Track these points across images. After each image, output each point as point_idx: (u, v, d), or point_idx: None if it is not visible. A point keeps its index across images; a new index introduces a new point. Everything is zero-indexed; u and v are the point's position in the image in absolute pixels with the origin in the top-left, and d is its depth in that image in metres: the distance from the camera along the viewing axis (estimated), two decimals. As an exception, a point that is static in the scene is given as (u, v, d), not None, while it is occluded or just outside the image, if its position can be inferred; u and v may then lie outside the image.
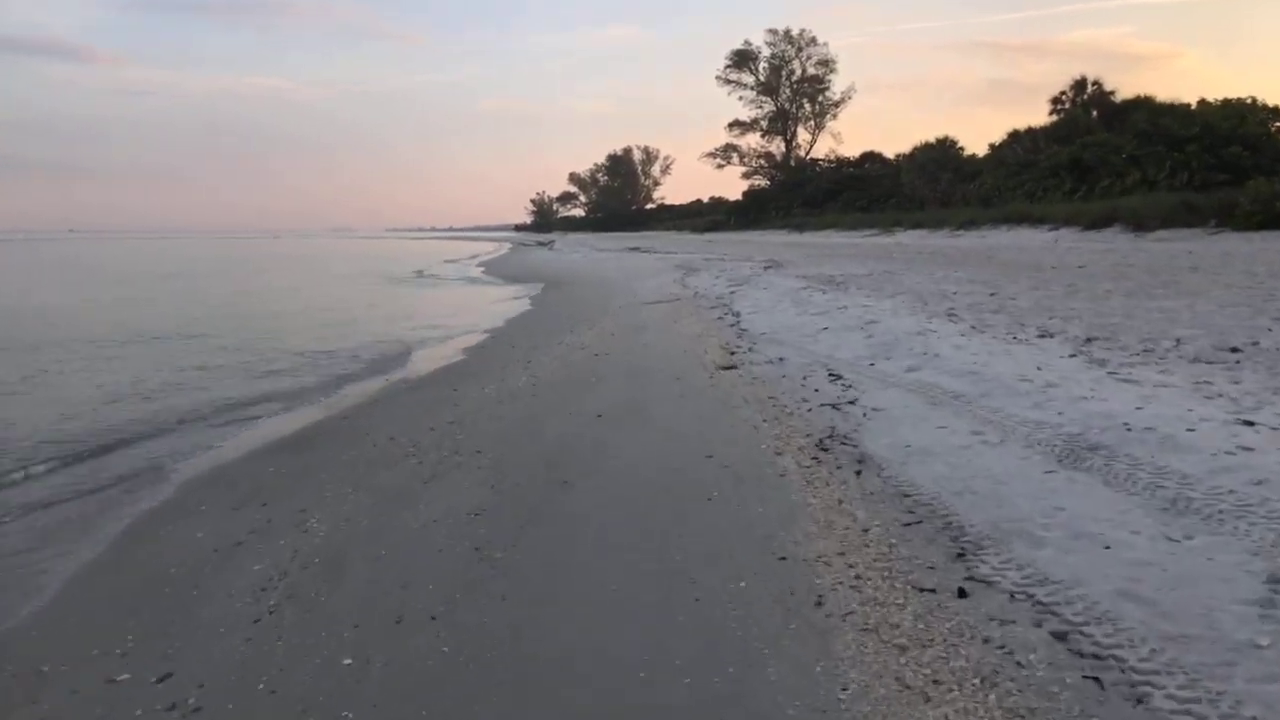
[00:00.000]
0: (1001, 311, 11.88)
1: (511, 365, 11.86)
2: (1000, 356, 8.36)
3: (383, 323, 18.36)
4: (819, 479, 5.53)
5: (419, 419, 8.75)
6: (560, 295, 24.58)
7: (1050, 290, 14.21)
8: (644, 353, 11.87)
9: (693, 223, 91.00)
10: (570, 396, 9.12)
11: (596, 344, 13.13)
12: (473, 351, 13.85)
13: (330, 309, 22.11)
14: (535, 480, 6.12)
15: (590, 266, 37.32)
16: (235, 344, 15.20)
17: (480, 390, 10.06)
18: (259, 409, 10.01)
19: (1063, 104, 60.77)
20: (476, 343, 14.88)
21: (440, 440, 7.64)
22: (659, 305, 18.48)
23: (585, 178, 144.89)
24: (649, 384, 9.50)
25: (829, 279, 19.07)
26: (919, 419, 6.59)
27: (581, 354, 12.19)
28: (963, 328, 10.56)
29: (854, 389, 7.95)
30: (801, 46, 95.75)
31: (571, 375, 10.52)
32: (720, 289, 20.11)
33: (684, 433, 7.07)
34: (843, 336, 10.92)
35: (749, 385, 8.83)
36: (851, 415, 6.99)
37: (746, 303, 16.59)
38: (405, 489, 6.23)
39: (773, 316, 14.02)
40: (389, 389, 10.96)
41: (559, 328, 15.94)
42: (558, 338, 14.43)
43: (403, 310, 21.26)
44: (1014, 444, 5.68)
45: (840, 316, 12.63)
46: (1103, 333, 9.54)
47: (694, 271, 26.61)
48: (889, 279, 18.24)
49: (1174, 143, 45.67)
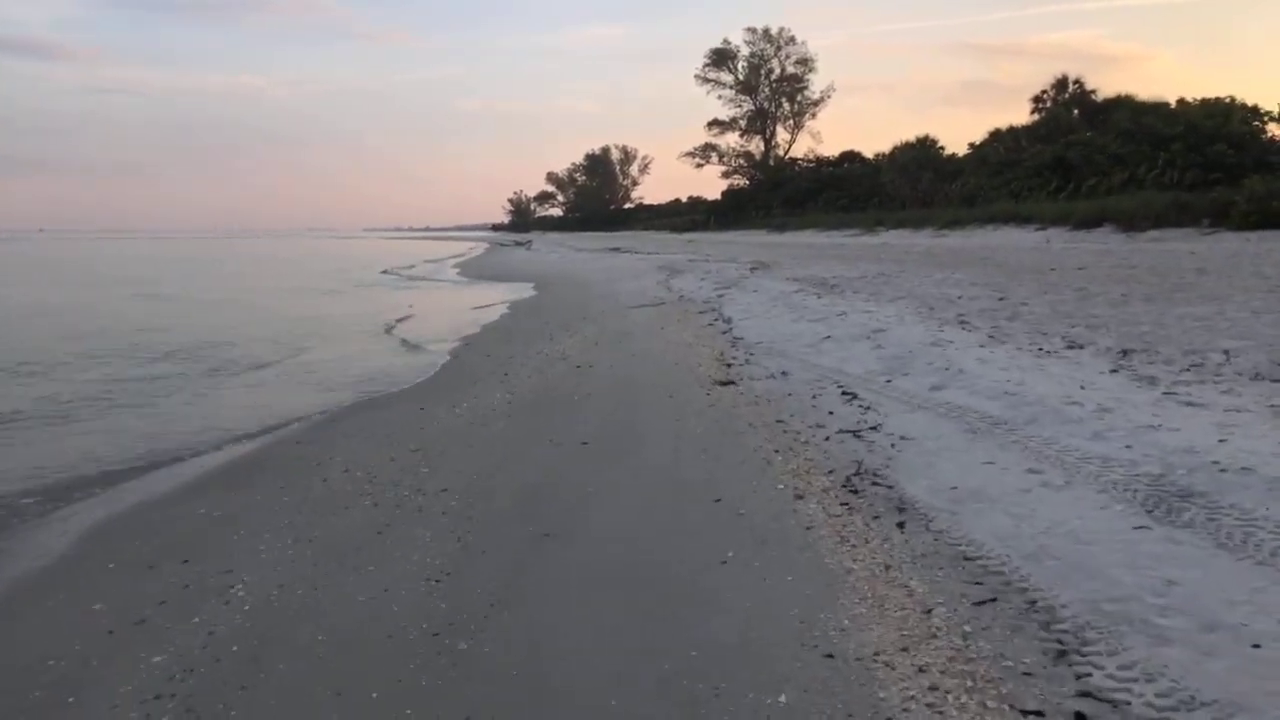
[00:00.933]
0: (1017, 319, 11.00)
1: (486, 379, 10.84)
2: (1034, 373, 7.45)
3: (347, 329, 17.24)
4: (854, 533, 4.57)
5: (380, 445, 7.73)
6: (539, 299, 23.54)
7: (1061, 295, 13.37)
8: (631, 364, 10.89)
9: (672, 222, 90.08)
10: (551, 418, 8.12)
11: (579, 353, 12.14)
12: (445, 362, 12.80)
13: (293, 313, 20.94)
14: (509, 532, 5.12)
15: (569, 268, 36.28)
16: (181, 348, 14.04)
17: (450, 410, 9.04)
18: (200, 427, 8.94)
19: (1044, 103, 60.42)
20: (449, 352, 13.83)
21: (401, 474, 6.62)
22: (643, 309, 17.50)
23: (563, 177, 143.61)
24: (639, 402, 8.52)
25: (822, 281, 18.17)
26: (959, 452, 5.65)
27: (563, 365, 11.19)
28: (979, 337, 9.67)
29: (873, 411, 7.01)
30: (780, 45, 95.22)
31: (552, 391, 9.52)
32: (707, 292, 19.17)
33: (684, 467, 6.09)
34: (849, 347, 9.98)
35: (752, 405, 7.86)
36: (878, 446, 6.04)
37: (737, 307, 15.65)
38: (355, 541, 5.21)
39: (768, 323, 13.08)
40: (350, 407, 9.91)
41: (538, 334, 14.93)
42: (536, 346, 13.42)
43: (370, 315, 20.14)
44: (1083, 487, 4.74)
45: (842, 324, 11.70)
46: (1137, 343, 8.66)
47: (678, 273, 25.66)
48: (885, 282, 17.37)
49: (1158, 141, 45.32)
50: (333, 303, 24.28)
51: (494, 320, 18.30)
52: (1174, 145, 43.81)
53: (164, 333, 16.75)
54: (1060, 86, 60.15)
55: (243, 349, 14.48)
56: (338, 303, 24.27)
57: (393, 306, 21.98)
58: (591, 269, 33.33)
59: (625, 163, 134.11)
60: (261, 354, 13.85)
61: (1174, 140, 44.53)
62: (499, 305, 21.62)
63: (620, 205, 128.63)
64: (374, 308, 21.59)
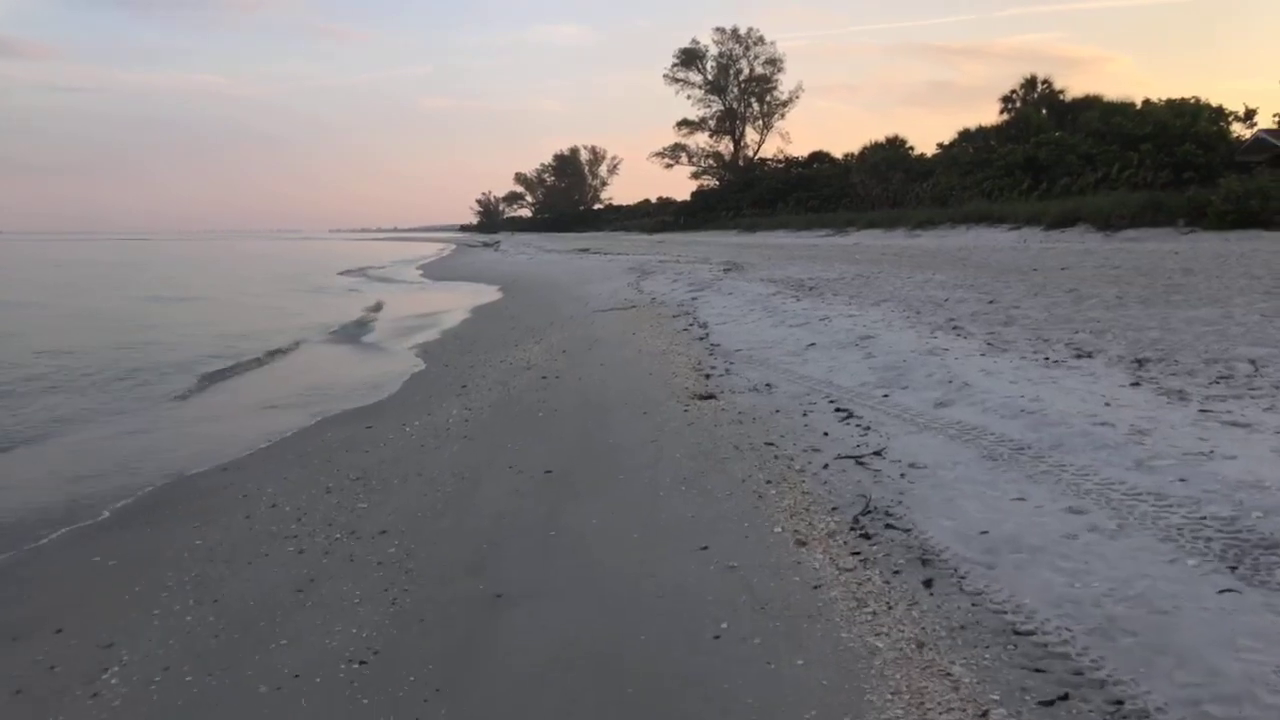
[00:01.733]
0: (1013, 324, 10.31)
1: (443, 392, 9.95)
2: (1047, 386, 6.71)
3: (294, 338, 16.22)
4: (873, 594, 3.77)
5: (317, 472, 6.83)
6: (504, 302, 22.62)
7: (1053, 296, 12.72)
8: (601, 375, 10.04)
9: (641, 223, 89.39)
10: (512, 439, 7.25)
11: (544, 362, 11.28)
12: (400, 374, 11.86)
13: (239, 320, 19.84)
14: (455, 591, 4.26)
15: (537, 269, 35.33)
16: (116, 357, 12.94)
17: (401, 429, 8.15)
18: (117, 456, 7.95)
19: (1014, 102, 60.43)
20: (405, 362, 12.89)
21: (336, 510, 5.73)
22: (614, 313, 16.66)
23: (532, 178, 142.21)
24: (610, 421, 7.67)
25: (799, 283, 17.44)
26: (982, 484, 4.87)
27: (527, 376, 10.32)
28: (977, 345, 8.94)
29: (874, 432, 6.22)
30: (749, 45, 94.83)
31: (514, 406, 8.65)
32: (680, 294, 18.36)
33: (664, 504, 5.26)
34: (837, 356, 9.21)
35: (736, 424, 7.05)
36: (886, 476, 5.25)
37: (712, 310, 14.85)
38: (269, 603, 4.32)
39: (746, 328, 12.29)
40: (287, 422, 8.97)
41: (502, 341, 14.04)
42: (500, 354, 12.54)
43: (321, 322, 19.11)
44: (1141, 533, 3.98)
45: (826, 329, 10.94)
46: (1150, 351, 7.98)
47: (649, 274, 24.82)
48: (865, 284, 16.67)
49: (1128, 141, 45.36)
50: (283, 309, 23.16)
51: (456, 326, 17.37)
52: (1144, 145, 43.87)
53: (99, 342, 15.62)
54: (1029, 86, 60.18)
55: (176, 361, 13.41)
56: (288, 309, 23.15)
57: (347, 312, 20.93)
58: (560, 271, 32.43)
59: (594, 163, 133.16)
60: (197, 366, 12.81)
61: (1144, 140, 44.60)
62: (462, 309, 20.67)
63: (589, 206, 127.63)
64: (326, 314, 20.54)
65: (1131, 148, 44.08)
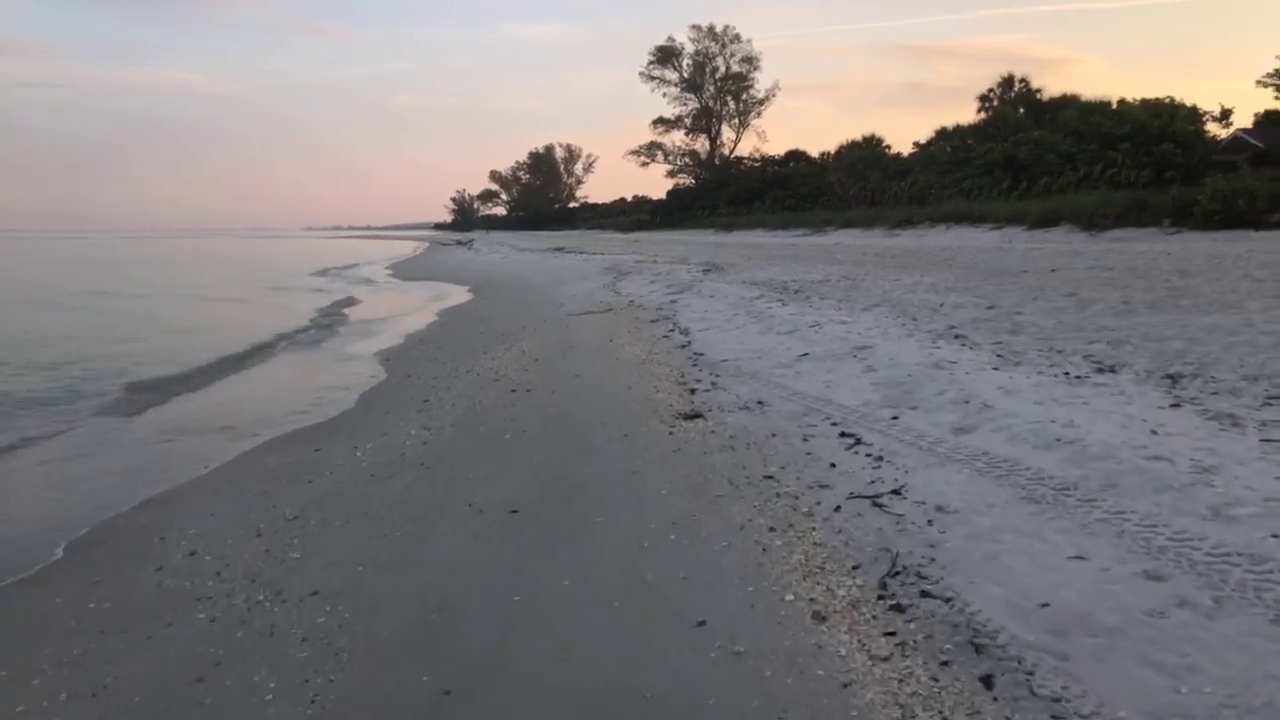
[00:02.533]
0: (1020, 332, 9.59)
1: (402, 407, 9.07)
2: (1077, 408, 5.96)
3: (248, 342, 15.23)
4: (920, 698, 2.97)
5: (251, 508, 5.95)
6: (475, 304, 21.70)
7: (1053, 301, 12.04)
8: (576, 388, 9.21)
9: (617, 222, 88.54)
10: (474, 467, 6.41)
11: (515, 373, 10.43)
12: (358, 384, 10.95)
13: (192, 323, 18.80)
14: (392, 683, 3.42)
15: (511, 269, 34.39)
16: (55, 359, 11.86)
17: (351, 453, 7.27)
18: (30, 491, 7.01)
19: (991, 101, 60.24)
20: (365, 371, 11.98)
21: (264, 561, 4.87)
22: (590, 317, 15.83)
23: (507, 176, 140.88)
24: (586, 445, 6.84)
25: (783, 286, 16.69)
26: (1027, 536, 4.10)
27: (495, 389, 9.47)
28: (987, 357, 8.20)
29: (889, 464, 5.44)
30: (725, 43, 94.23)
31: (479, 426, 7.79)
32: (659, 297, 17.55)
33: (650, 557, 4.43)
34: (834, 369, 8.44)
35: (728, 450, 6.25)
36: (911, 523, 4.46)
37: (693, 315, 14.05)
38: (159, 698, 3.46)
39: (731, 335, 11.50)
40: (230, 447, 8.05)
41: (470, 347, 13.16)
42: (467, 362, 11.66)
43: (280, 326, 18.11)
44: (1247, 612, 3.22)
45: (818, 337, 10.17)
46: (1180, 365, 7.27)
47: (625, 275, 23.99)
48: (852, 286, 15.95)
49: (1107, 141, 45.18)
50: (240, 311, 22.11)
51: (422, 330, 16.44)
52: (1123, 144, 43.70)
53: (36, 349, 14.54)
54: (1006, 85, 60.00)
55: (118, 368, 12.38)
56: (245, 311, 22.11)
57: (308, 315, 19.92)
58: (534, 270, 31.52)
59: (569, 161, 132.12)
60: (139, 374, 11.81)
61: (1122, 139, 44.43)
62: (430, 312, 19.74)
63: (565, 204, 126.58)
64: (286, 316, 19.51)
65: (1110, 147, 43.88)
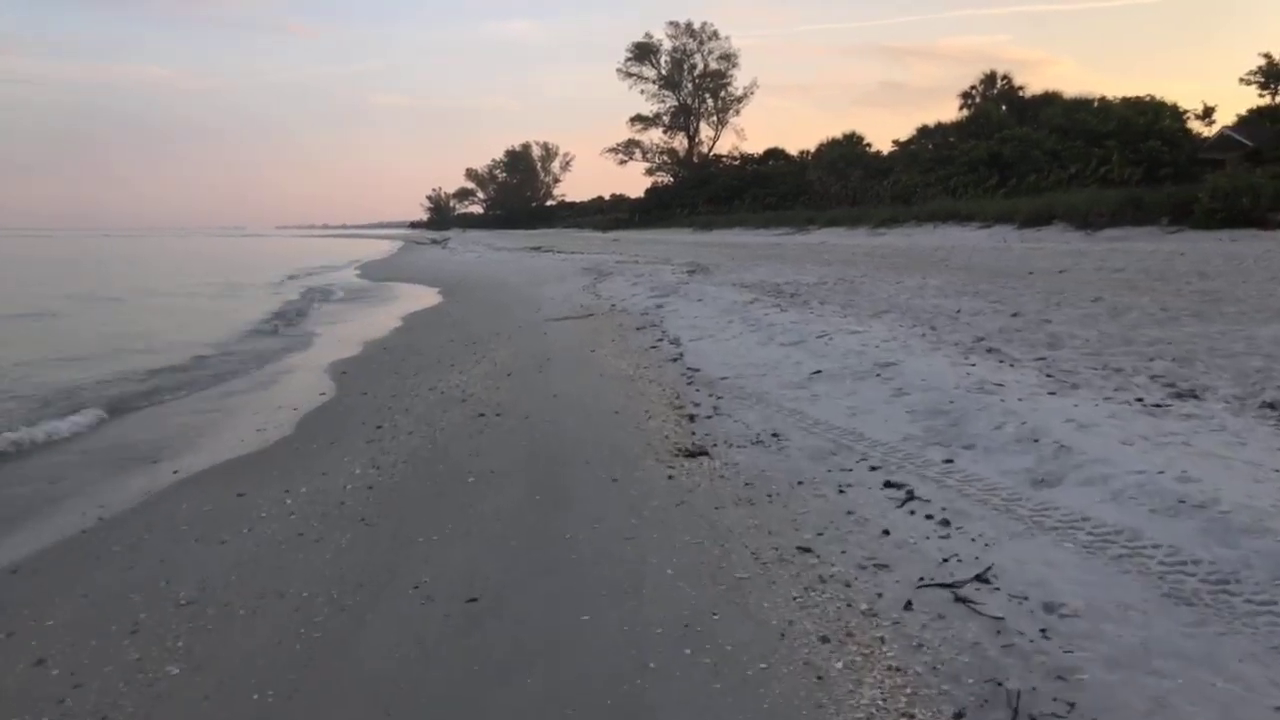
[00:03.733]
0: (1060, 345, 8.43)
1: (351, 435, 7.75)
2: (1178, 451, 4.78)
3: (188, 353, 13.82)
4: None
5: (138, 585, 4.63)
6: (446, 308, 20.33)
7: (1080, 307, 10.93)
8: (554, 411, 7.94)
9: (594, 220, 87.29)
10: (426, 526, 5.13)
11: (485, 390, 9.15)
12: (305, 403, 9.60)
13: (134, 330, 17.30)
14: None
15: (486, 269, 32.99)
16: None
17: (281, 499, 5.96)
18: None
19: (973, 99, 59.52)
20: (315, 387, 10.62)
21: (130, 678, 3.57)
22: (568, 322, 14.56)
23: (483, 174, 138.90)
24: (566, 492, 5.58)
25: (776, 289, 15.49)
26: (1196, 662, 2.90)
27: (460, 412, 8.18)
28: (1034, 376, 7.03)
29: (958, 530, 4.23)
30: (703, 40, 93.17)
31: (438, 464, 6.51)
32: (643, 300, 16.31)
33: (658, 695, 3.17)
34: (856, 391, 7.22)
35: (745, 504, 5.01)
36: (1017, 634, 3.24)
37: (682, 321, 12.82)
38: None
39: (728, 346, 10.27)
40: (140, 485, 6.71)
41: (437, 358, 11.85)
42: (432, 376, 10.36)
43: (228, 333, 16.68)
44: None
45: (829, 350, 8.96)
46: (1272, 390, 6.13)
47: (606, 276, 22.74)
48: (851, 289, 14.79)
49: (1092, 138, 44.53)
50: (187, 315, 20.61)
51: (385, 337, 15.08)
52: (1108, 142, 43.06)
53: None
54: (989, 83, 59.33)
55: (36, 382, 10.94)
56: (192, 316, 20.61)
57: (260, 320, 18.47)
58: (509, 270, 30.17)
59: (546, 159, 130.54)
60: (57, 386, 10.38)
61: (1108, 137, 43.82)
62: (396, 317, 18.36)
63: (542, 202, 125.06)
64: (236, 322, 18.07)
65: (1096, 144, 43.19)
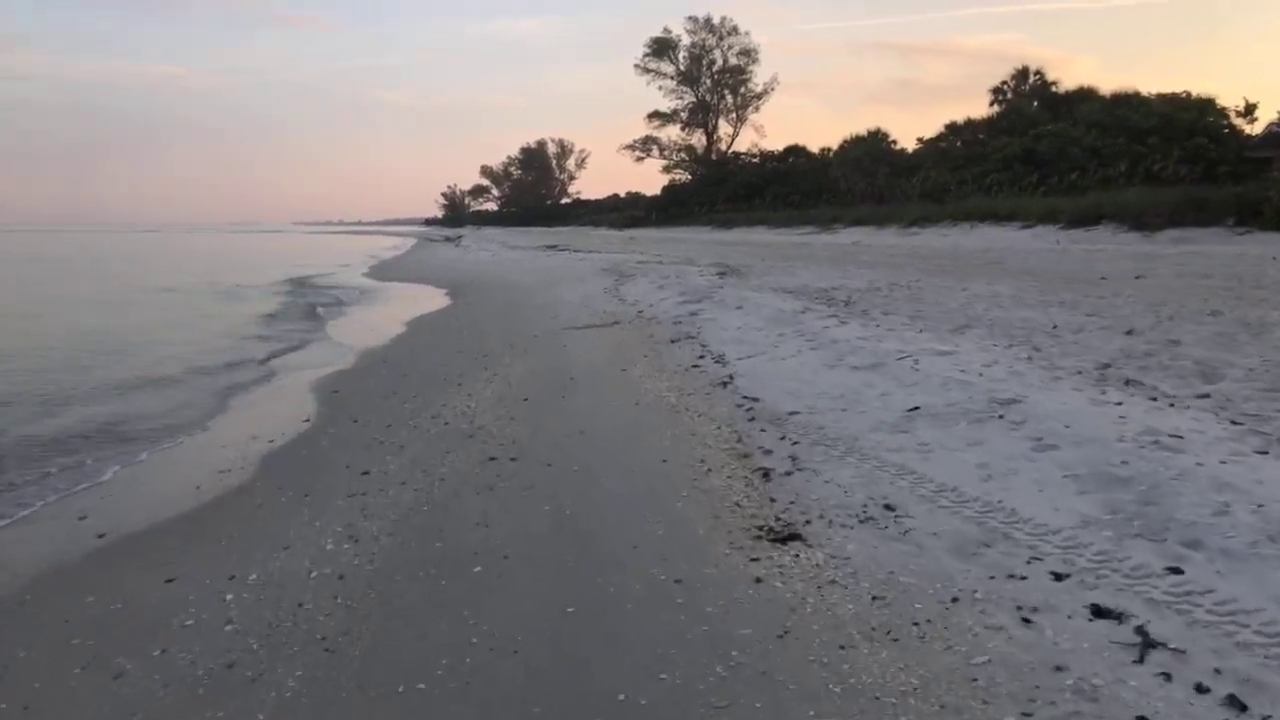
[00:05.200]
0: (1217, 377, 6.72)
1: (329, 483, 6.14)
2: None
3: (158, 364, 12.27)
4: None
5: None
6: (456, 312, 18.74)
7: (1206, 323, 9.19)
8: (584, 456, 6.31)
9: (610, 218, 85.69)
10: (411, 658, 3.51)
11: (496, 422, 7.54)
12: (279, 432, 7.99)
13: (110, 332, 15.80)
14: None
15: (500, 269, 31.41)
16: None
17: (220, 592, 4.37)
18: None
19: (1004, 94, 57.54)
20: (295, 411, 9.01)
21: None
22: (592, 331, 12.94)
23: (498, 171, 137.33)
24: (607, 603, 3.94)
25: (825, 295, 13.80)
26: None
27: (467, 454, 6.57)
28: (1214, 425, 5.35)
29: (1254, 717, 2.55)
30: (723, 35, 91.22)
31: (433, 540, 4.88)
32: (673, 306, 14.65)
33: None
34: (979, 439, 5.54)
35: (883, 642, 3.36)
36: None
37: (724, 333, 11.16)
38: None
39: (786, 367, 8.60)
40: (46, 557, 5.12)
41: (442, 375, 10.26)
42: (435, 399, 8.77)
43: (211, 341, 15.15)
44: None
45: (918, 377, 7.28)
46: None
47: (628, 277, 21.07)
48: (913, 297, 13.08)
49: (1134, 134, 42.53)
50: (176, 316, 19.10)
51: (385, 346, 13.49)
52: (1150, 139, 41.05)
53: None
54: (1020, 77, 57.34)
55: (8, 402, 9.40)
56: (182, 317, 19.09)
57: (249, 323, 16.93)
58: (525, 270, 28.55)
59: (562, 157, 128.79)
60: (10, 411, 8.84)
61: (1150, 134, 41.80)
62: (400, 321, 16.77)
63: (557, 200, 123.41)
64: (227, 324, 16.53)
65: (1137, 141, 41.19)
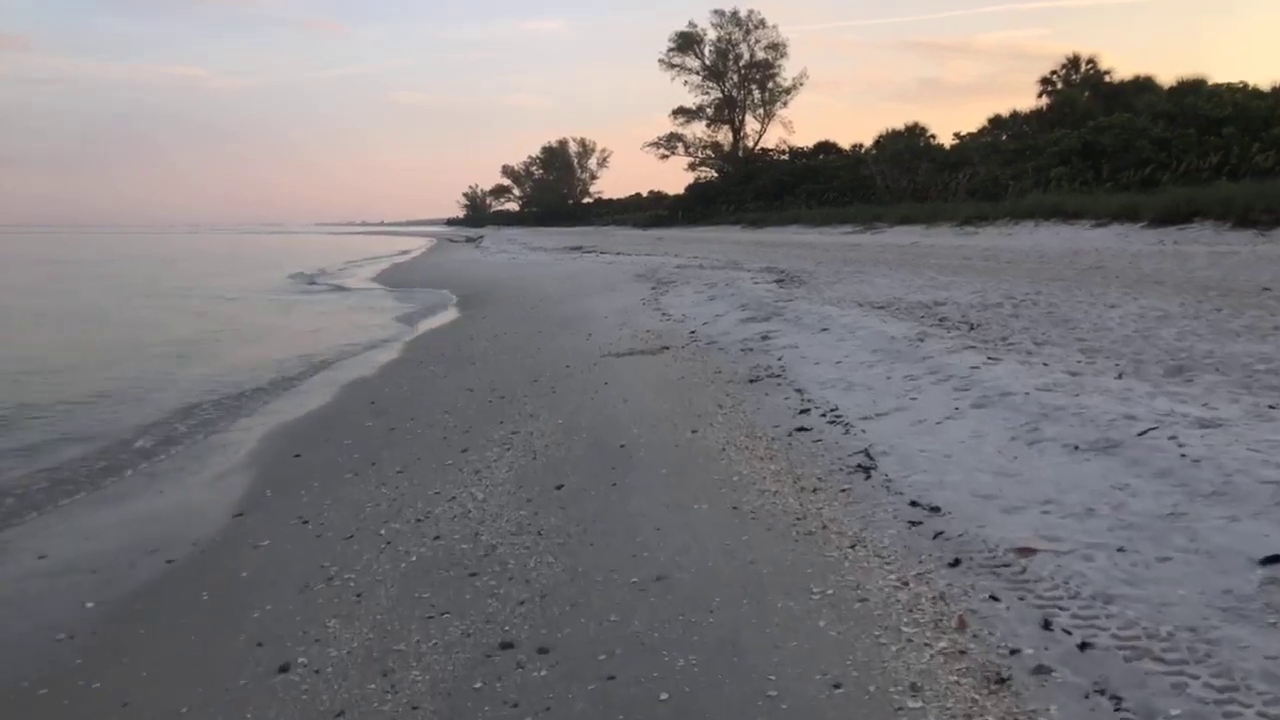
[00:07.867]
0: None
1: (219, 684, 3.36)
2: None
3: (80, 405, 9.58)
4: None
5: None
6: (469, 328, 15.96)
7: None
8: (667, 645, 3.47)
9: (634, 218, 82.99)
10: None
11: (511, 539, 4.76)
12: (180, 548, 5.23)
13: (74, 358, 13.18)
14: None
15: (521, 273, 28.64)
16: None
17: None
18: None
19: (1053, 84, 54.19)
20: (225, 491, 6.23)
21: None
22: (635, 360, 10.13)
23: (519, 171, 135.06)
24: None
25: (932, 313, 10.84)
26: None
27: (460, 634, 3.78)
28: None
29: None
30: (750, 29, 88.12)
31: None
32: (733, 325, 11.79)
33: None
34: None
35: None
36: None
37: (820, 370, 8.29)
38: None
39: (948, 439, 5.70)
40: None
41: (441, 430, 7.48)
42: (424, 483, 5.99)
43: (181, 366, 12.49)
44: None
45: (1196, 477, 4.38)
46: None
47: (667, 285, 18.21)
48: (1053, 318, 10.08)
49: (1206, 125, 39.15)
50: (150, 335, 16.46)
51: (373, 378, 10.71)
52: (1225, 129, 37.72)
53: None
54: (1072, 67, 53.93)
55: None
56: (156, 335, 16.46)
57: (233, 338, 14.25)
58: (548, 276, 25.75)
59: (583, 156, 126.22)
60: None
61: (1224, 123, 38.44)
62: (402, 340, 14.01)
63: (579, 200, 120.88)
64: (200, 345, 13.85)
65: (1210, 131, 37.87)
